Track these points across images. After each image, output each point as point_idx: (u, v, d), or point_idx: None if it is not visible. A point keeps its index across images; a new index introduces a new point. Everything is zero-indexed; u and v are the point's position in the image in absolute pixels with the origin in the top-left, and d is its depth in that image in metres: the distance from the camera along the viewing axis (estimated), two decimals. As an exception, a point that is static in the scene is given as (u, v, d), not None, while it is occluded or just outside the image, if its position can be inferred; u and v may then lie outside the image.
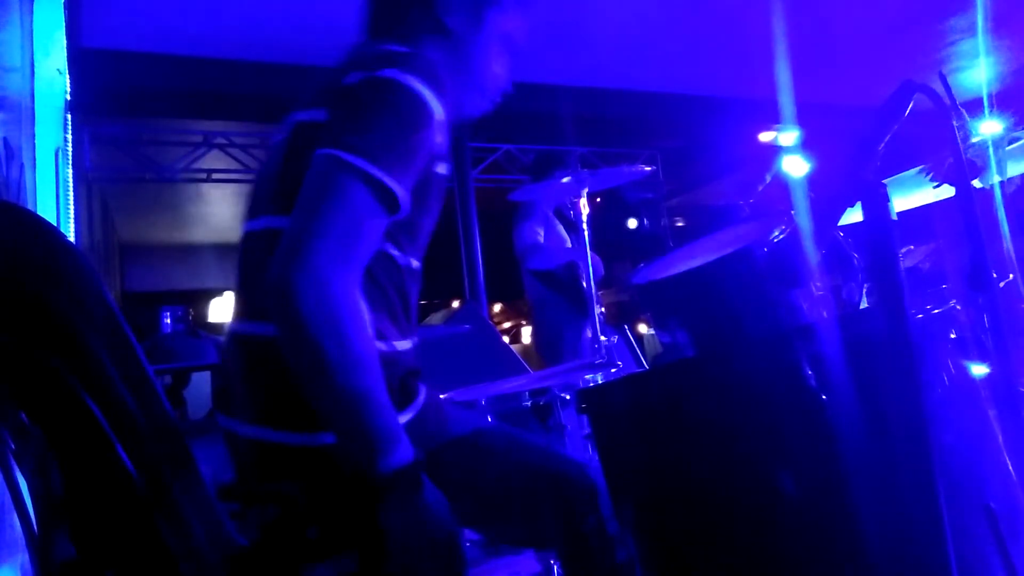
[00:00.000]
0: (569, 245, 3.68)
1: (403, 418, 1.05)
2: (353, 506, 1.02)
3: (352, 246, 0.91)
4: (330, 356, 0.86)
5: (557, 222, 3.74)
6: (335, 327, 0.86)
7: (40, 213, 1.34)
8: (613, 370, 2.13)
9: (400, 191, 0.96)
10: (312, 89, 1.13)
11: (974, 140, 2.49)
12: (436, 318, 4.90)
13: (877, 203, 0.90)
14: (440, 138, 1.06)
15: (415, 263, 1.16)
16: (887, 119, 1.00)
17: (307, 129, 1.05)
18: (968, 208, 0.99)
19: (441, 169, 1.12)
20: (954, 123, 1.04)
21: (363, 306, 0.90)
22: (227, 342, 1.13)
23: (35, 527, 0.95)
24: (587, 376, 2.13)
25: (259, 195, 1.13)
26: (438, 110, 1.02)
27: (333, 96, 1.04)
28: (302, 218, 0.91)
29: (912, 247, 3.45)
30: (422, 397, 1.13)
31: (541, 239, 3.58)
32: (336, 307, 0.87)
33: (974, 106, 2.58)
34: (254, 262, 1.07)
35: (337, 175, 0.92)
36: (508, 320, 14.05)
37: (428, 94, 1.01)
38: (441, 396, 1.52)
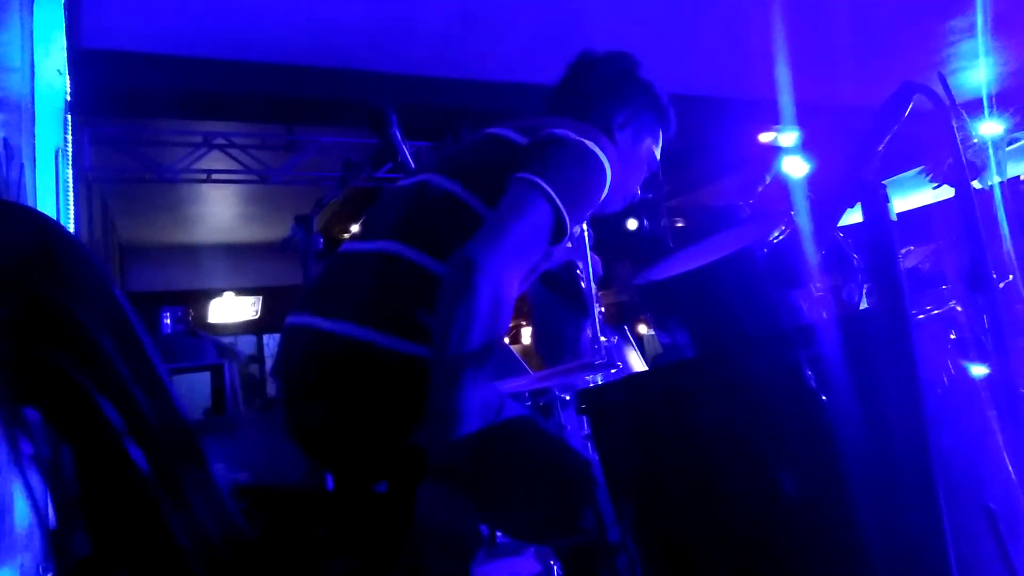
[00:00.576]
0: (569, 245, 3.67)
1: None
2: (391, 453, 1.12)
3: (525, 248, 1.14)
4: (475, 320, 1.03)
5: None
6: (492, 304, 1.05)
7: (40, 213, 1.33)
8: (613, 371, 2.13)
9: (567, 226, 1.19)
10: (512, 118, 1.40)
11: (974, 141, 2.49)
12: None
13: (877, 204, 0.90)
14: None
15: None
16: (887, 120, 1.00)
17: (502, 141, 1.32)
18: (968, 209, 0.99)
19: (578, 231, 1.43)
20: (954, 124, 1.04)
21: (510, 303, 1.10)
22: (351, 253, 1.32)
23: (51, 525, 0.96)
24: (587, 377, 2.13)
25: (430, 164, 1.41)
26: (606, 188, 1.28)
27: (539, 135, 1.28)
28: (501, 215, 1.14)
29: (912, 248, 3.44)
30: None
31: (540, 239, 3.57)
32: (499, 290, 1.06)
33: (974, 107, 2.58)
34: (415, 203, 1.31)
35: (533, 192, 1.16)
36: (508, 320, 14.00)
37: (609, 172, 1.28)
38: None
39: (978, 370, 1.06)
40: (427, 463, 0.99)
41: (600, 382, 2.05)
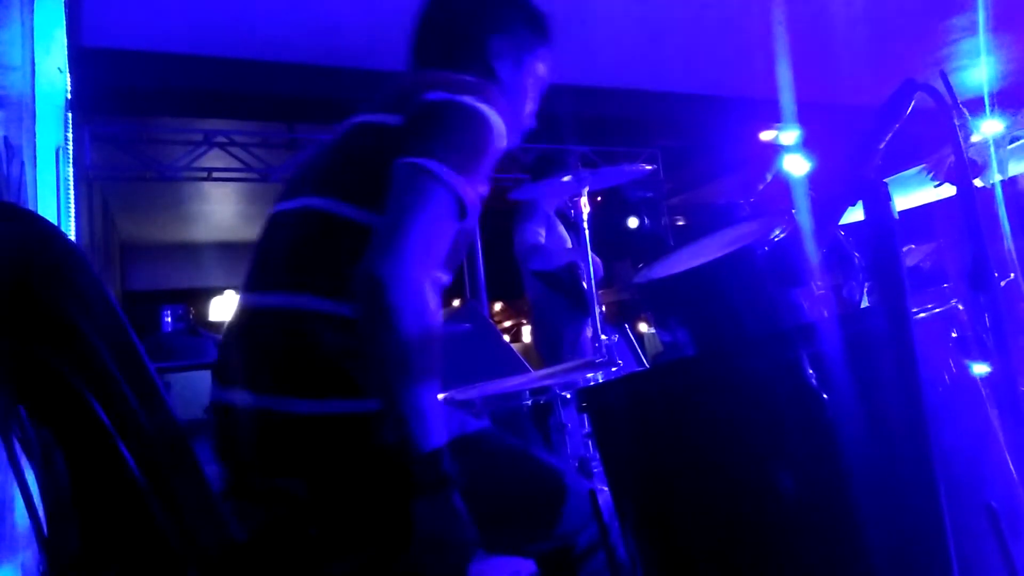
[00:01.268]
0: (570, 245, 3.68)
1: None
2: (361, 490, 1.06)
3: (432, 244, 1.03)
4: (409, 340, 0.96)
5: (558, 222, 3.74)
6: (418, 316, 0.97)
7: (41, 212, 1.34)
8: (614, 369, 2.13)
9: (469, 201, 1.08)
10: (378, 99, 1.24)
11: (975, 139, 2.49)
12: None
13: (878, 202, 0.90)
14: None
15: (443, 276, 1.20)
16: (888, 118, 1.00)
17: (374, 129, 1.18)
18: (969, 207, 0.99)
19: (483, 189, 1.21)
20: (955, 122, 1.04)
21: (432, 298, 1.02)
22: (255, 310, 1.16)
23: (43, 521, 0.96)
24: (588, 375, 2.13)
25: (305, 178, 1.22)
26: (500, 141, 1.17)
27: (412, 108, 1.14)
28: (393, 217, 1.02)
29: (913, 246, 3.44)
30: None
31: (543, 240, 3.57)
32: (420, 298, 0.98)
33: (975, 105, 2.57)
34: (293, 237, 1.16)
35: (423, 180, 1.04)
36: (508, 319, 14.05)
37: (497, 125, 1.16)
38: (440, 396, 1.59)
39: (979, 368, 1.06)
40: (414, 481, 0.97)
41: (601, 380, 2.05)
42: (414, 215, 1.01)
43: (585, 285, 3.55)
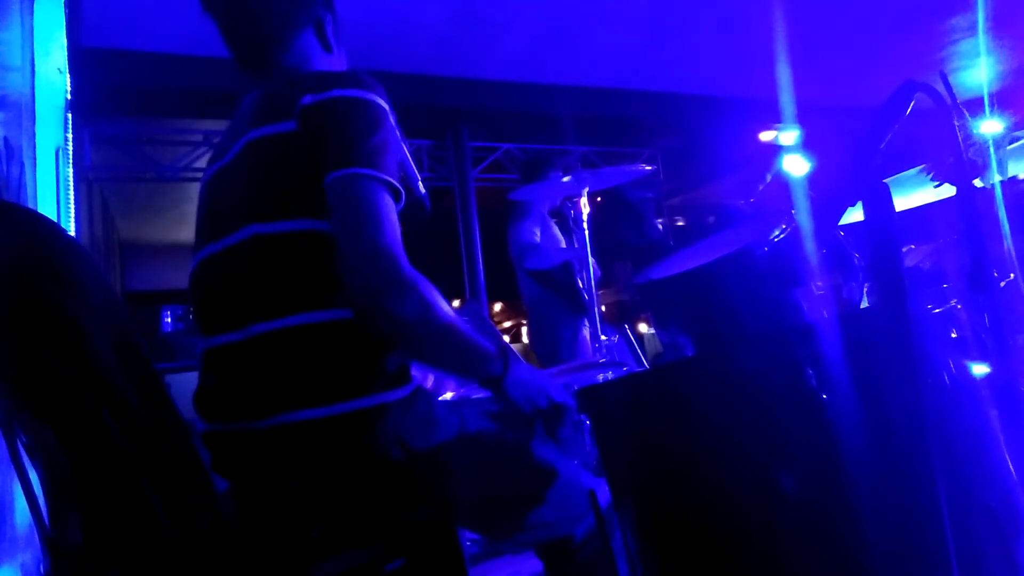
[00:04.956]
0: (564, 245, 3.68)
1: (395, 396, 1.12)
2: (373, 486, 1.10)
3: (397, 232, 1.08)
4: (439, 325, 1.09)
5: (552, 222, 3.74)
6: (428, 307, 1.07)
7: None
8: (625, 368, 2.13)
9: (398, 185, 1.13)
10: (253, 110, 1.26)
11: (975, 140, 2.49)
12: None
13: (880, 202, 0.90)
14: None
15: None
16: (888, 118, 1.00)
17: (271, 141, 1.17)
18: (969, 208, 0.99)
19: (406, 168, 1.27)
20: (955, 122, 1.04)
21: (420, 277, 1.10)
22: (225, 348, 1.15)
23: (45, 518, 0.96)
24: (600, 376, 2.13)
25: (230, 210, 1.21)
26: (391, 119, 1.19)
27: (305, 114, 1.14)
28: (361, 235, 1.06)
29: (913, 247, 3.44)
30: (415, 383, 1.16)
31: (537, 239, 3.57)
32: (419, 291, 1.06)
33: (975, 105, 2.58)
34: (256, 266, 1.14)
35: (365, 187, 1.08)
36: (508, 319, 14.06)
37: (384, 105, 1.18)
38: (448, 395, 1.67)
39: (979, 369, 1.06)
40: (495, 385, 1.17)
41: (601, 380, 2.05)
42: (372, 224, 1.06)
43: (581, 284, 3.55)
